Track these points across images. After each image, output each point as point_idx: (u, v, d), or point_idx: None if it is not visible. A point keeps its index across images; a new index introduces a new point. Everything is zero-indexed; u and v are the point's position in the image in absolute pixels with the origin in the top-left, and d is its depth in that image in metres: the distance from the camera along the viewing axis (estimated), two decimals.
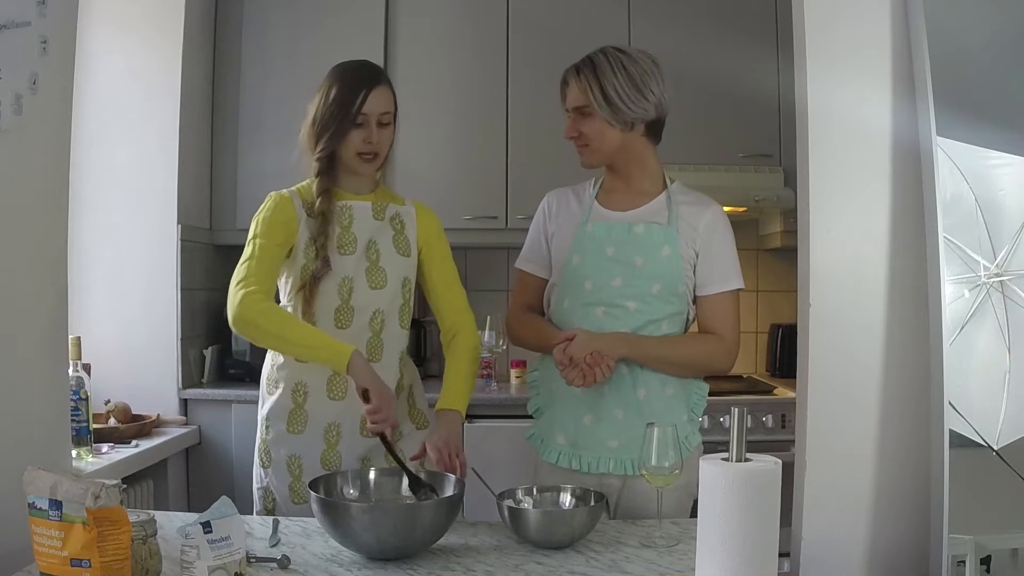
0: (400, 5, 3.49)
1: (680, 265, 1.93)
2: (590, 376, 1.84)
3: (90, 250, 3.05)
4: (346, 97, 1.90)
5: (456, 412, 1.94)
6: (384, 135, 1.95)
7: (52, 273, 1.69)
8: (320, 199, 1.94)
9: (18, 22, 1.50)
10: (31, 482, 1.33)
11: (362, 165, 1.95)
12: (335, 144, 1.93)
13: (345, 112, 1.90)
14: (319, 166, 1.95)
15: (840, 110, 1.64)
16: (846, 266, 1.64)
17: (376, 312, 1.97)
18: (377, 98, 1.92)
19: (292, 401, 1.97)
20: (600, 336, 1.88)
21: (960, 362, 1.63)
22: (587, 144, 1.96)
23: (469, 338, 2.05)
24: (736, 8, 3.45)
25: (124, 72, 3.09)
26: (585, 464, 1.93)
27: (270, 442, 1.99)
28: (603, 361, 1.83)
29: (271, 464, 1.98)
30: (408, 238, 2.04)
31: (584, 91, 1.92)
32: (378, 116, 1.92)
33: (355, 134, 1.92)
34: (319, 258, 1.91)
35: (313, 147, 1.95)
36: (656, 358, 1.92)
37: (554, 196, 2.10)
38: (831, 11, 1.64)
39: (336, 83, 1.93)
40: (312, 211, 1.93)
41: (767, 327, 3.78)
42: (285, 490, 1.97)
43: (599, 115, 1.92)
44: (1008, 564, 1.70)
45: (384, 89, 1.95)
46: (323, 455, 1.96)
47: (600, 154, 1.97)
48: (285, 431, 1.97)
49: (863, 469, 1.62)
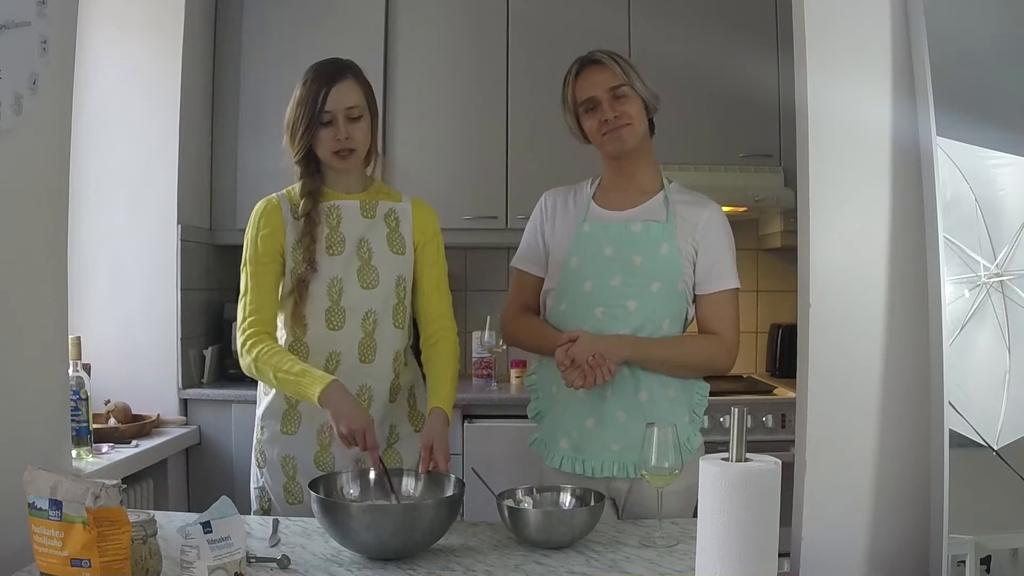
0: (400, 5, 3.49)
1: (679, 262, 1.92)
2: (591, 377, 1.83)
3: (90, 250, 3.05)
4: (308, 97, 1.90)
5: (441, 410, 1.91)
6: (355, 129, 1.92)
7: (52, 273, 1.69)
8: (304, 201, 1.93)
9: (18, 22, 1.50)
10: (31, 482, 1.32)
11: (340, 163, 1.94)
12: (307, 145, 1.92)
13: (310, 113, 1.90)
14: (300, 168, 1.96)
15: (840, 110, 1.64)
16: (846, 266, 1.64)
17: (368, 312, 1.95)
18: (339, 94, 1.90)
19: (285, 402, 1.97)
20: (603, 338, 1.87)
21: (960, 362, 1.63)
22: (630, 123, 1.93)
23: (452, 345, 2.03)
24: (736, 8, 3.45)
25: (124, 72, 3.09)
26: (589, 468, 1.93)
27: (264, 442, 1.99)
28: (605, 363, 1.82)
29: (266, 464, 1.98)
30: (403, 235, 2.02)
31: (622, 70, 1.93)
32: (344, 112, 1.90)
33: (324, 133, 1.91)
34: (305, 259, 1.91)
35: (292, 150, 1.95)
36: (658, 360, 1.91)
37: (551, 195, 2.08)
38: (831, 11, 1.64)
39: (301, 84, 1.93)
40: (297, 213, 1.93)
41: (767, 327, 3.78)
42: (280, 490, 1.97)
43: (635, 94, 1.92)
44: (1008, 564, 1.69)
45: (347, 84, 1.92)
46: (316, 456, 1.97)
47: (636, 137, 1.94)
48: (279, 431, 1.97)
49: (863, 469, 1.62)
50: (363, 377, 1.96)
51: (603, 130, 1.94)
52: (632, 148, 1.95)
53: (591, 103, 1.95)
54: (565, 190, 2.08)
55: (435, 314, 2.05)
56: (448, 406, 1.94)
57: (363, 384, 1.96)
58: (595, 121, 1.95)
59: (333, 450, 1.97)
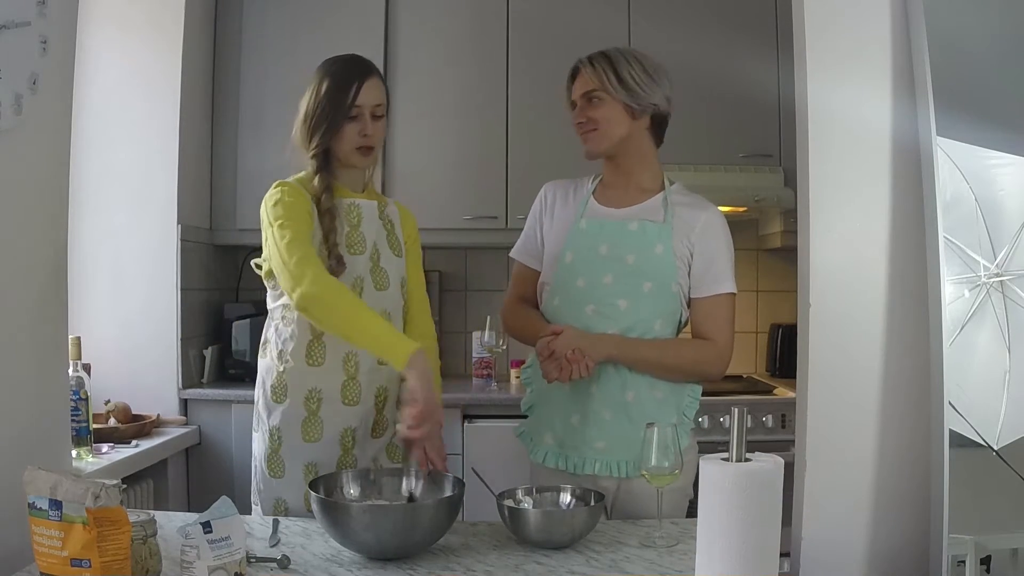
0: (400, 5, 3.50)
1: (673, 263, 1.92)
2: (566, 371, 1.82)
3: (90, 250, 3.05)
4: (339, 90, 1.88)
5: None
6: (378, 127, 1.93)
7: (52, 273, 1.69)
8: (324, 196, 1.90)
9: (18, 22, 1.50)
10: (31, 482, 1.32)
11: (360, 159, 1.92)
12: (330, 139, 1.89)
13: (338, 106, 1.87)
14: (316, 163, 1.92)
15: (840, 110, 1.64)
16: (846, 266, 1.64)
17: (383, 312, 1.92)
18: (370, 90, 1.90)
19: (305, 409, 1.90)
20: (587, 335, 1.87)
21: (960, 362, 1.63)
22: (595, 128, 1.94)
23: (434, 345, 2.04)
24: (736, 8, 3.45)
25: (124, 72, 3.09)
26: (572, 464, 1.93)
27: (284, 454, 1.91)
28: (583, 360, 1.82)
29: (285, 474, 1.91)
30: (398, 238, 2.03)
31: (597, 75, 1.93)
32: (372, 108, 1.90)
33: (350, 128, 1.89)
34: (332, 256, 1.87)
35: (307, 144, 1.91)
36: (645, 361, 1.90)
37: (552, 188, 2.09)
38: (831, 11, 1.64)
39: (327, 77, 1.90)
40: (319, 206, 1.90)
41: (767, 327, 3.79)
42: (300, 500, 1.90)
43: (611, 99, 1.93)
44: (1008, 564, 1.69)
45: (376, 81, 1.92)
46: (339, 460, 1.92)
47: (607, 140, 1.95)
48: (301, 441, 1.90)
49: (863, 469, 1.62)
50: (380, 379, 1.94)
51: (578, 132, 1.99)
52: (606, 151, 1.97)
53: (573, 106, 2.00)
54: (566, 183, 2.08)
55: (419, 317, 2.05)
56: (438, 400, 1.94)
57: (380, 386, 1.94)
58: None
59: (355, 452, 1.94)
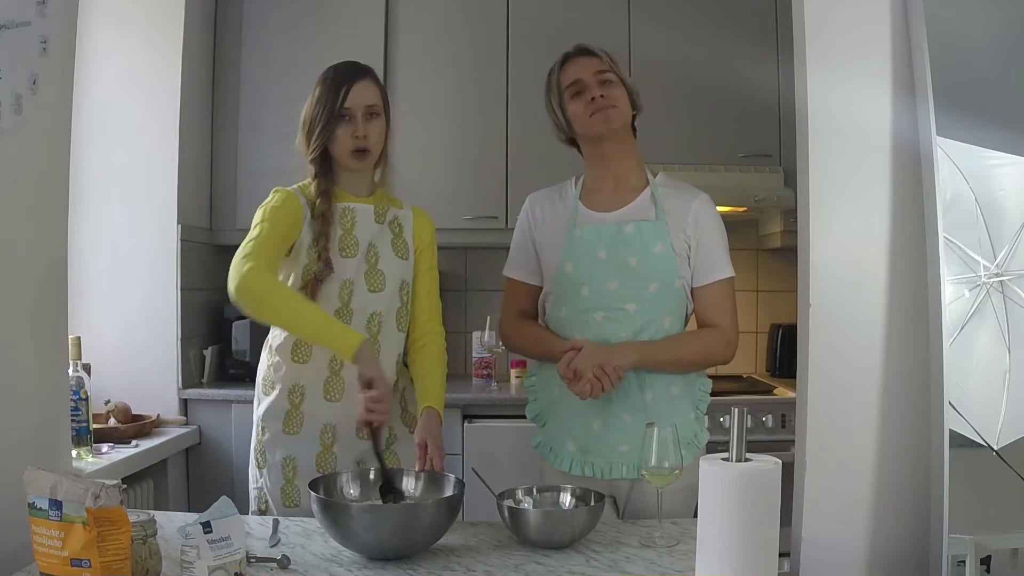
0: (400, 5, 3.49)
1: (674, 260, 1.92)
2: (597, 388, 1.82)
3: (90, 250, 3.05)
4: (329, 94, 1.93)
5: (434, 409, 1.94)
6: (372, 128, 1.95)
7: (52, 273, 1.69)
8: (320, 200, 1.94)
9: (18, 22, 1.50)
10: (31, 482, 1.32)
11: (355, 162, 1.95)
12: (325, 142, 1.94)
13: (330, 109, 1.92)
14: (315, 167, 1.97)
15: (840, 110, 1.64)
16: (846, 266, 1.64)
17: (374, 315, 1.97)
18: (360, 92, 1.94)
19: (288, 402, 1.97)
20: (607, 348, 1.86)
21: (960, 362, 1.63)
22: (615, 105, 1.93)
23: (441, 348, 2.07)
24: (736, 8, 3.44)
25: (124, 72, 3.09)
26: (598, 470, 1.92)
27: (266, 444, 1.98)
28: (612, 373, 1.82)
29: (266, 466, 1.98)
30: (406, 241, 2.05)
31: (602, 59, 1.95)
32: (363, 109, 1.94)
33: (343, 130, 1.93)
34: (321, 260, 1.92)
35: (306, 149, 1.97)
36: (665, 361, 1.91)
37: (536, 200, 2.07)
38: (831, 11, 1.64)
39: (321, 83, 1.96)
40: (314, 212, 1.94)
41: (767, 327, 3.78)
42: (277, 492, 1.96)
43: (620, 82, 1.94)
44: (1008, 564, 1.69)
45: (367, 83, 1.96)
46: (318, 457, 1.96)
47: (621, 121, 1.95)
48: (281, 432, 1.97)
49: (863, 469, 1.62)
50: None
51: (590, 110, 1.93)
52: (617, 131, 1.94)
53: (578, 86, 1.95)
54: (549, 192, 2.06)
55: (424, 317, 2.07)
56: (440, 405, 1.96)
57: None
58: (581, 104, 1.94)
59: (335, 450, 1.97)
